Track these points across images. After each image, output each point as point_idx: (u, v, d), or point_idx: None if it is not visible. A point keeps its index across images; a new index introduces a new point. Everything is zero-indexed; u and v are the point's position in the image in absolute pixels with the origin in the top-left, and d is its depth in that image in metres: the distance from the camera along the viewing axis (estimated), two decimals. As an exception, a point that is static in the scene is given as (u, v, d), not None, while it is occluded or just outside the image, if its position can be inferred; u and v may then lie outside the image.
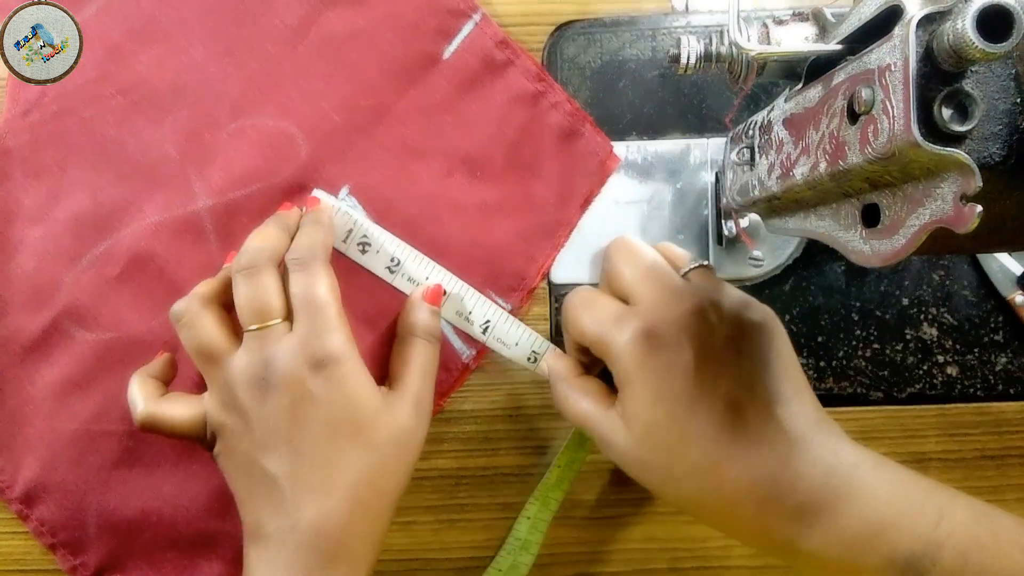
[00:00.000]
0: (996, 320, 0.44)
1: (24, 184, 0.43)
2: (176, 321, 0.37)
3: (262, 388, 0.35)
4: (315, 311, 0.35)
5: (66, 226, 0.43)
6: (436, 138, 0.44)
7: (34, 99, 0.44)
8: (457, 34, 0.44)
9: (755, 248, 0.43)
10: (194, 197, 0.43)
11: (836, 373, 0.45)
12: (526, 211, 0.44)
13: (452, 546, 0.45)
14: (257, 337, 0.35)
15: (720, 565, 0.45)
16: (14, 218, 0.43)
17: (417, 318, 0.40)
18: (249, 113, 0.43)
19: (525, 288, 0.44)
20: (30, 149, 0.43)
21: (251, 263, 0.36)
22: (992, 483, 0.45)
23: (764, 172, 0.34)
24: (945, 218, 0.22)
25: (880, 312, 0.45)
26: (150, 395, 0.37)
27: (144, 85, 0.43)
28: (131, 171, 0.43)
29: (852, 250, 0.28)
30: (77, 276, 0.43)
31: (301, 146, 0.43)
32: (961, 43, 0.20)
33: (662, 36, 0.45)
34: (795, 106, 0.31)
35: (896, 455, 0.44)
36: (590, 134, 0.44)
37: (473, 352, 0.43)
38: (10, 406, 0.43)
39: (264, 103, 0.43)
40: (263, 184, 0.43)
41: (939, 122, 0.22)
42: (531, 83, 0.44)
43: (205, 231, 0.43)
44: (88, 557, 0.42)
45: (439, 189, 0.43)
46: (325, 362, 0.35)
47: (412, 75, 0.44)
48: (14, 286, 0.43)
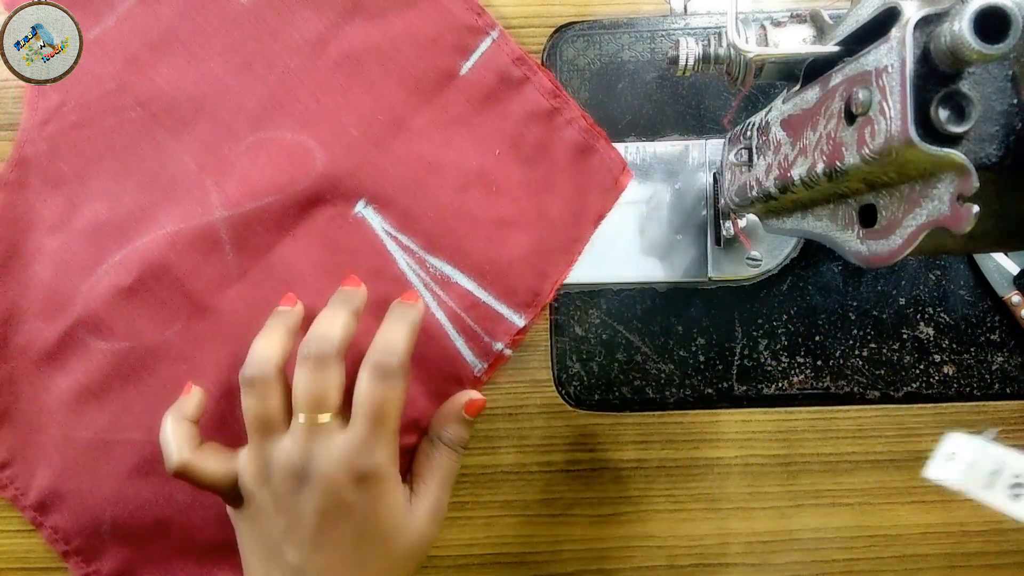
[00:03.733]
0: (992, 319, 0.45)
1: (42, 193, 0.43)
2: (247, 385, 0.36)
3: (300, 480, 0.35)
4: (376, 423, 0.35)
5: (83, 236, 0.43)
6: (452, 153, 0.44)
7: (53, 109, 0.43)
8: (475, 50, 0.44)
9: (753, 248, 0.44)
10: (211, 208, 0.43)
11: (833, 372, 0.45)
12: (541, 227, 0.44)
13: (452, 543, 0.45)
14: (307, 429, 0.35)
15: (717, 563, 0.45)
16: (31, 227, 0.43)
17: (451, 428, 0.40)
18: (267, 126, 0.43)
19: (539, 304, 0.44)
20: (48, 158, 0.43)
21: (319, 354, 0.36)
22: (988, 482, 0.45)
23: (762, 173, 0.34)
24: (942, 218, 0.22)
25: (877, 312, 0.45)
26: (185, 443, 0.37)
27: (163, 97, 0.43)
28: (149, 182, 0.43)
29: (849, 250, 0.28)
30: (93, 285, 0.42)
31: (318, 159, 0.43)
32: (958, 44, 0.20)
33: (661, 38, 0.46)
34: (793, 107, 0.31)
35: (893, 454, 0.45)
36: (604, 150, 0.44)
37: (484, 366, 0.43)
38: (25, 414, 0.42)
39: (282, 116, 0.43)
40: (280, 196, 0.43)
41: (936, 123, 0.22)
42: (547, 99, 0.44)
43: (221, 242, 0.43)
44: (101, 564, 0.42)
45: (455, 203, 0.43)
46: (367, 477, 0.35)
47: (429, 90, 0.44)
48: (31, 294, 0.43)
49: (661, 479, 0.45)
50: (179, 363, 0.42)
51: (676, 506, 0.45)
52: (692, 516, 0.45)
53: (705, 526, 0.45)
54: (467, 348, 0.43)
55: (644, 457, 0.45)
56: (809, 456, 0.45)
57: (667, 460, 0.45)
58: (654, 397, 0.45)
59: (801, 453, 0.45)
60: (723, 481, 0.45)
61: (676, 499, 0.45)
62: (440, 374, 0.43)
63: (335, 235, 0.43)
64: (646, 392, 0.45)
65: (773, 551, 0.45)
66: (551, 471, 0.45)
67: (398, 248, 0.43)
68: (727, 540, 0.45)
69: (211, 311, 0.42)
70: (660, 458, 0.45)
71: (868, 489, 0.45)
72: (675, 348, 0.45)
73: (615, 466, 0.45)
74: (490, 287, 0.43)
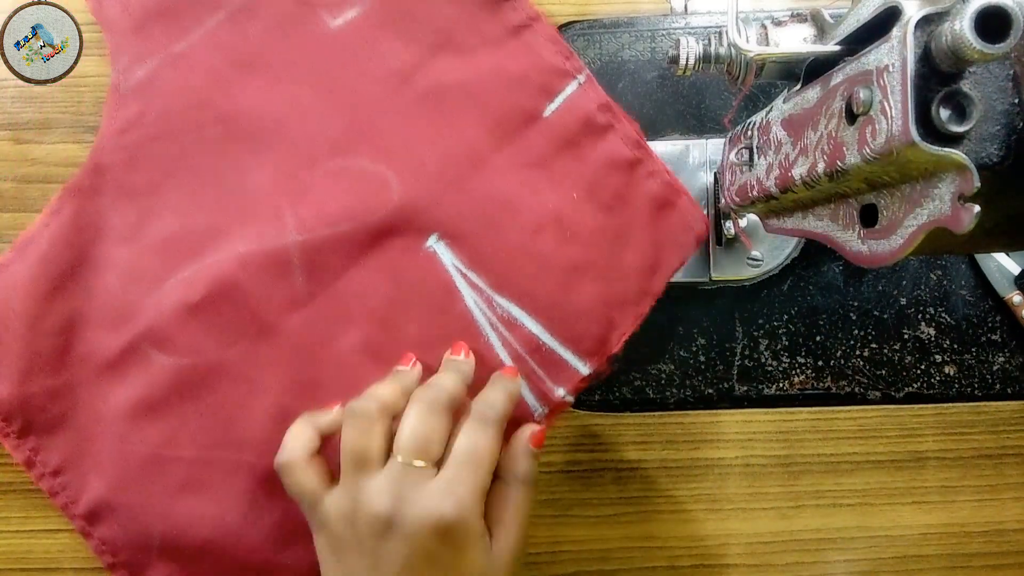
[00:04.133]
0: (994, 320, 0.45)
1: (115, 203, 0.43)
2: (351, 416, 0.36)
3: (387, 526, 0.34)
4: (469, 469, 0.35)
5: (154, 248, 0.42)
6: (529, 194, 0.43)
7: (133, 118, 0.43)
8: (559, 93, 0.43)
9: (754, 248, 0.43)
10: (285, 231, 0.42)
11: (834, 372, 0.45)
12: (613, 278, 0.43)
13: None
14: (403, 470, 0.35)
15: (718, 564, 0.45)
16: (102, 236, 0.43)
17: (522, 464, 0.38)
18: (346, 153, 0.43)
19: (605, 353, 0.43)
20: (124, 168, 0.43)
21: (435, 400, 0.36)
22: (989, 482, 0.45)
23: (763, 172, 0.34)
24: (943, 218, 0.22)
25: (878, 312, 0.45)
26: (303, 446, 0.37)
27: (244, 116, 0.43)
28: (224, 200, 0.43)
29: (850, 250, 0.28)
30: (160, 299, 0.42)
31: (395, 190, 0.43)
32: (959, 44, 0.20)
33: (661, 37, 0.46)
34: (793, 107, 0.31)
35: (894, 454, 0.45)
36: (685, 206, 0.43)
37: (544, 410, 0.43)
38: (81, 423, 0.42)
39: (362, 145, 0.43)
40: (354, 224, 0.42)
41: (937, 123, 0.22)
42: (630, 149, 0.43)
43: (292, 266, 0.42)
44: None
45: (527, 245, 0.43)
46: (455, 528, 0.34)
47: (511, 130, 0.43)
48: (96, 303, 0.42)
49: (661, 480, 0.45)
50: (239, 384, 0.42)
51: (676, 507, 0.45)
52: (693, 517, 0.45)
53: (706, 527, 0.45)
54: (528, 391, 0.42)
55: (644, 458, 0.45)
56: (810, 457, 0.45)
57: (667, 460, 0.45)
58: (654, 397, 0.45)
59: (802, 454, 0.45)
60: (724, 482, 0.45)
61: (676, 500, 0.45)
62: None
63: (404, 267, 0.43)
64: (646, 392, 0.45)
65: (774, 552, 0.45)
66: (551, 471, 0.45)
67: (466, 285, 0.43)
68: (728, 541, 0.45)
69: (275, 334, 0.42)
70: (660, 458, 0.45)
71: (869, 490, 0.45)
72: (675, 348, 0.45)
73: (615, 467, 0.45)
74: (556, 332, 0.42)
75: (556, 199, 0.43)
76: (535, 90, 0.43)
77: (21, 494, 0.44)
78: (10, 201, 0.45)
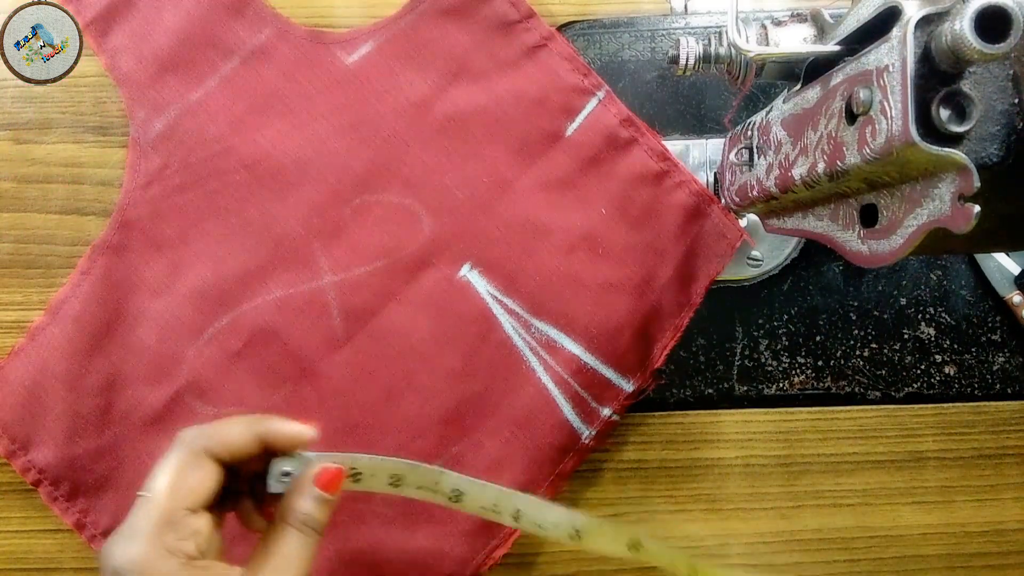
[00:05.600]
0: (994, 320, 0.45)
1: (145, 256, 0.43)
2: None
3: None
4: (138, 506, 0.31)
5: (188, 299, 0.42)
6: (558, 215, 0.43)
7: (155, 171, 0.43)
8: (580, 111, 0.43)
9: (754, 248, 0.43)
10: (319, 273, 0.42)
11: (834, 372, 0.45)
12: (649, 292, 0.43)
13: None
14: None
15: (718, 563, 0.45)
16: (135, 290, 0.43)
17: (298, 504, 0.31)
18: (373, 188, 0.43)
19: (648, 368, 0.43)
20: (151, 221, 0.43)
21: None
22: (989, 482, 0.45)
23: (763, 172, 0.34)
24: (943, 218, 0.22)
25: (878, 312, 0.45)
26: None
27: (268, 159, 0.43)
28: (254, 245, 0.43)
29: (850, 250, 0.28)
30: (200, 350, 0.42)
31: (424, 223, 0.43)
32: (959, 44, 0.20)
33: (661, 37, 0.46)
34: (793, 107, 0.31)
35: (894, 454, 0.45)
36: (717, 215, 0.43)
37: (592, 432, 0.42)
38: (128, 480, 0.42)
39: (388, 179, 0.43)
40: (388, 260, 0.42)
41: (937, 123, 0.22)
42: (656, 162, 0.43)
43: (329, 307, 0.42)
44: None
45: (561, 266, 0.43)
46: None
47: (535, 152, 0.43)
48: (135, 359, 0.42)
49: (661, 479, 0.45)
50: None
51: (676, 507, 0.45)
52: (692, 517, 0.45)
53: (706, 527, 0.45)
54: (574, 414, 0.42)
55: (644, 457, 0.45)
56: (810, 457, 0.45)
57: (667, 460, 0.45)
58: (654, 397, 0.45)
59: (802, 454, 0.45)
60: (723, 482, 0.45)
61: (676, 500, 0.45)
62: (546, 442, 0.42)
63: (440, 299, 0.43)
64: (646, 392, 0.45)
65: (774, 552, 0.45)
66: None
67: (503, 312, 0.42)
68: (728, 541, 0.45)
69: (316, 376, 0.42)
70: (660, 458, 0.45)
71: (869, 490, 0.45)
72: (675, 348, 0.45)
73: (615, 466, 0.45)
74: (597, 351, 0.42)
75: (585, 218, 0.43)
76: (556, 110, 0.43)
77: (21, 494, 0.44)
78: (10, 201, 0.45)
